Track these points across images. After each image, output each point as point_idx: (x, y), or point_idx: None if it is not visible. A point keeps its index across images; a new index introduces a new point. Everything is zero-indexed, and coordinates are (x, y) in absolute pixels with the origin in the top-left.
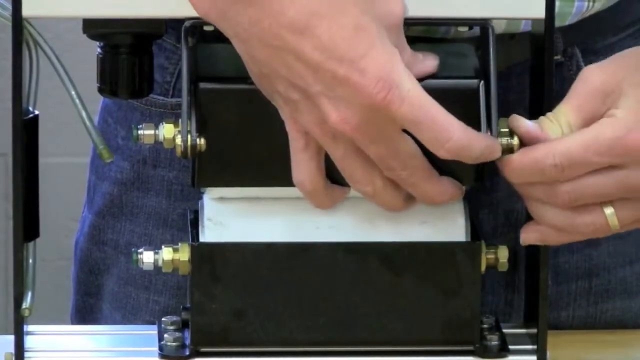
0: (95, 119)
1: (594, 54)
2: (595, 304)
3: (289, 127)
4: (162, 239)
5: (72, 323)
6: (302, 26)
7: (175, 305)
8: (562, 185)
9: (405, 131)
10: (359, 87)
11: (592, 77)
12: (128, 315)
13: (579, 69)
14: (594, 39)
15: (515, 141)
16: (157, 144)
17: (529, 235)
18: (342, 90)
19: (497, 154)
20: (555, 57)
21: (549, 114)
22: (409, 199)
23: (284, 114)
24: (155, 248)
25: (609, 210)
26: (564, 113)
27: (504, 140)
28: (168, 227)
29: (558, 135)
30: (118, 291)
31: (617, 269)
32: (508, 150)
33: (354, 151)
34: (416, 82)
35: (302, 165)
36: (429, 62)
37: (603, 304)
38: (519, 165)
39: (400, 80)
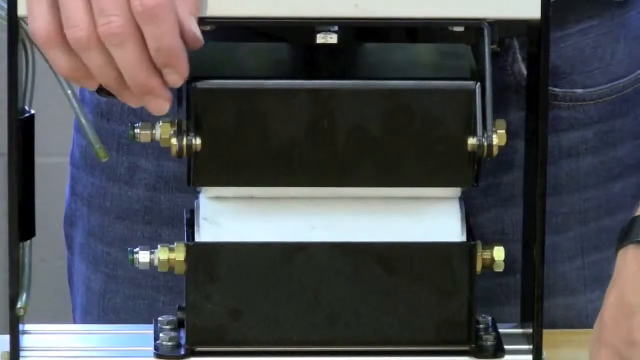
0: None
1: None
2: None
3: None
4: (112, 192)
5: (69, 283)
6: None
7: (123, 258)
8: None
9: None
10: None
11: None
12: (90, 266)
13: (515, 61)
14: None
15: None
16: (154, 142)
17: None
18: None
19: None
20: (492, 47)
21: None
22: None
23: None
24: (107, 200)
25: None
26: None
27: (495, 140)
28: (117, 181)
29: None
30: (84, 244)
31: (556, 264)
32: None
33: None
34: None
35: (36, 12)
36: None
37: (545, 301)
38: None
39: None
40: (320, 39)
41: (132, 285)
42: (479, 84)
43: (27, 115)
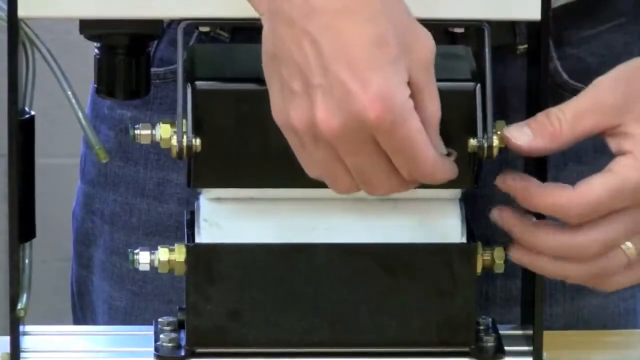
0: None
1: (569, 45)
2: (572, 299)
3: (276, 117)
4: (139, 207)
5: (72, 293)
6: (329, 20)
7: (154, 275)
8: (588, 235)
9: None
10: (355, 96)
11: (605, 88)
12: (114, 284)
13: (549, 59)
14: (569, 30)
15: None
16: (154, 143)
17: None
18: (339, 92)
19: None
20: (525, 46)
21: (553, 109)
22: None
23: (275, 101)
24: (133, 216)
25: (628, 245)
26: (572, 112)
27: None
28: (145, 197)
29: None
30: (105, 261)
31: None
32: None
33: (334, 158)
34: (414, 115)
35: (308, 163)
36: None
37: (579, 300)
38: (540, 206)
39: (401, 108)
40: None
41: (162, 302)
42: (479, 85)
43: (27, 116)
